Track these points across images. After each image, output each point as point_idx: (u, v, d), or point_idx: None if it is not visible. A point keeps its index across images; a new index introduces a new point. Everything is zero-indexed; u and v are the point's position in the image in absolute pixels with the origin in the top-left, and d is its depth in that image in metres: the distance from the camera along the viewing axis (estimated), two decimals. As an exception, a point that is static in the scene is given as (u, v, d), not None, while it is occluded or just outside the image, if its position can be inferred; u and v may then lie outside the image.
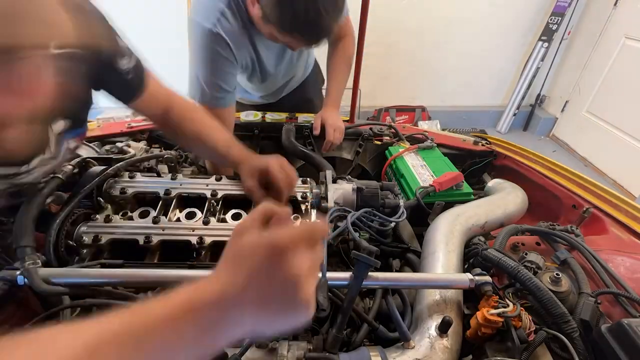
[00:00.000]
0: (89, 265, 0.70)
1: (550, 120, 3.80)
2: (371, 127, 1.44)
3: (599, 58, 3.23)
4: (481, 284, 0.66)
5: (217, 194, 0.88)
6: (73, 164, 0.88)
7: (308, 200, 0.90)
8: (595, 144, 3.31)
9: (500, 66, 3.68)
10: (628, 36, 2.97)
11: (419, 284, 0.72)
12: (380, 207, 0.89)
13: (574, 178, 1.16)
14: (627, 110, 2.98)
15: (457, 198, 1.07)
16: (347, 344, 0.69)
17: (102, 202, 0.84)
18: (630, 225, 0.94)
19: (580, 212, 1.06)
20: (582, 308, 0.67)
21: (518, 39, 3.53)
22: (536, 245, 0.89)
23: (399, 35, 3.33)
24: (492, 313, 0.61)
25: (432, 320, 0.67)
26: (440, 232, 0.85)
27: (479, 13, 3.30)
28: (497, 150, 1.40)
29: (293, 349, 0.62)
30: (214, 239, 0.77)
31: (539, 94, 3.81)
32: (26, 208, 0.71)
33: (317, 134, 1.34)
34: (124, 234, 0.77)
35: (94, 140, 1.20)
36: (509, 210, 0.99)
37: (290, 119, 1.40)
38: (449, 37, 3.39)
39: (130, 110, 0.89)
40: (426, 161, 1.22)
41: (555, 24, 3.32)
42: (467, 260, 0.84)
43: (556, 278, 0.71)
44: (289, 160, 1.45)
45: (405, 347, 0.63)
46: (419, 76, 3.62)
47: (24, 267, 0.59)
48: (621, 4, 3.02)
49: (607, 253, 0.84)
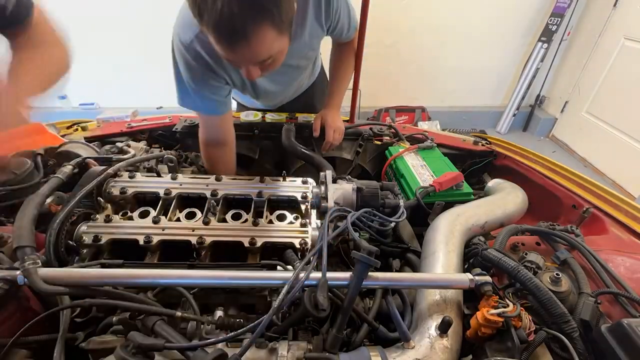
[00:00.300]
0: (89, 265, 0.70)
1: (550, 121, 3.81)
2: (371, 127, 1.44)
3: (599, 59, 3.24)
4: (481, 284, 0.66)
5: (217, 194, 0.88)
6: (73, 164, 0.88)
7: (308, 200, 0.90)
8: (595, 144, 3.31)
9: (500, 67, 3.68)
10: (627, 37, 2.97)
11: (419, 284, 0.72)
12: (380, 207, 0.89)
13: (574, 178, 1.16)
14: (626, 110, 2.98)
15: (457, 198, 1.07)
16: (347, 344, 0.69)
17: (102, 202, 0.84)
18: (630, 225, 0.94)
19: (580, 212, 1.06)
20: (582, 308, 0.67)
21: (518, 40, 3.53)
22: (536, 245, 0.89)
23: (399, 35, 3.34)
24: (492, 313, 0.61)
25: (432, 320, 0.67)
26: (440, 232, 0.85)
27: (479, 14, 3.30)
28: (497, 150, 1.40)
29: (293, 349, 0.62)
30: (214, 239, 0.77)
31: (539, 94, 3.82)
32: (26, 208, 0.71)
33: (317, 136, 1.34)
34: (124, 234, 0.77)
35: (94, 140, 1.20)
36: (509, 210, 0.99)
37: (290, 119, 1.40)
38: (449, 37, 3.39)
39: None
40: (426, 161, 1.22)
41: (554, 24, 3.32)
42: (467, 260, 0.84)
43: (556, 278, 0.71)
44: (289, 160, 1.46)
45: (405, 347, 0.63)
46: (419, 76, 3.62)
47: (24, 267, 0.59)
48: (621, 4, 3.02)
49: (607, 253, 0.84)
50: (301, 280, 0.62)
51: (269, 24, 0.74)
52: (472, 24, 3.35)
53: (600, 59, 3.22)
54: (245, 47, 0.76)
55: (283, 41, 0.82)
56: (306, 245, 0.78)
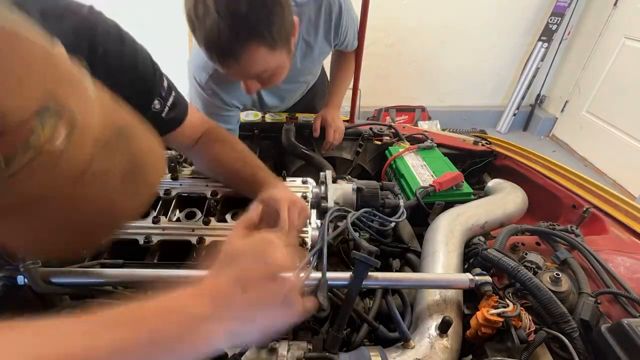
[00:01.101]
0: (89, 265, 0.70)
1: (550, 120, 3.80)
2: (371, 127, 1.44)
3: (599, 58, 3.23)
4: (481, 284, 0.66)
5: (217, 194, 0.88)
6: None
7: (308, 200, 0.90)
8: (595, 144, 3.30)
9: (500, 66, 3.68)
10: (628, 36, 2.97)
11: (419, 284, 0.72)
12: (380, 207, 0.89)
13: (574, 178, 1.16)
14: (626, 110, 2.98)
15: (457, 198, 1.07)
16: (347, 344, 0.69)
17: (102, 202, 0.84)
18: (630, 225, 0.94)
19: (580, 212, 1.06)
20: (582, 308, 0.67)
21: (518, 39, 3.53)
22: (536, 245, 0.89)
23: (398, 35, 3.33)
24: (492, 313, 0.61)
25: (432, 320, 0.67)
26: (440, 232, 0.85)
27: (479, 13, 3.30)
28: (497, 150, 1.40)
29: (293, 349, 0.62)
30: (214, 239, 0.77)
31: (539, 94, 3.81)
32: (26, 208, 0.71)
33: (317, 136, 1.34)
34: (124, 234, 0.77)
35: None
36: (509, 210, 0.99)
37: (290, 119, 1.40)
38: (449, 37, 3.39)
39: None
40: (426, 161, 1.22)
41: (555, 24, 3.32)
42: (467, 260, 0.84)
43: (556, 278, 0.71)
44: (288, 160, 1.46)
45: (405, 347, 0.63)
46: (419, 76, 3.62)
47: (24, 267, 0.59)
48: (621, 4, 3.02)
49: (607, 253, 0.84)
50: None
51: (259, 43, 0.75)
52: (472, 23, 3.34)
53: (600, 59, 3.22)
54: (235, 65, 0.78)
55: (280, 56, 0.83)
56: (306, 245, 0.78)
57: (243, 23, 0.71)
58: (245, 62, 0.78)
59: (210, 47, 0.75)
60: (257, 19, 0.72)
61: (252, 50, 0.75)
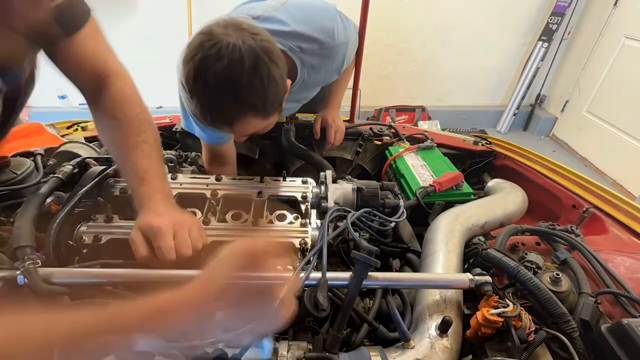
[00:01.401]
0: (89, 265, 0.70)
1: (550, 120, 3.80)
2: (371, 127, 1.44)
3: (599, 58, 3.23)
4: (481, 284, 0.66)
5: (217, 194, 0.88)
6: (73, 164, 0.88)
7: (308, 200, 0.90)
8: (595, 143, 3.30)
9: (500, 66, 3.68)
10: (628, 36, 2.97)
11: (419, 284, 0.72)
12: (380, 207, 0.89)
13: (574, 178, 1.16)
14: (627, 110, 2.98)
15: (457, 198, 1.07)
16: (347, 344, 0.69)
17: (102, 202, 0.84)
18: (630, 225, 0.94)
19: (580, 212, 1.06)
20: (582, 308, 0.67)
21: (518, 39, 3.53)
22: (536, 245, 0.89)
23: (398, 35, 3.33)
24: (492, 313, 0.61)
25: (432, 320, 0.67)
26: (440, 232, 0.85)
27: (479, 13, 3.30)
28: (497, 150, 1.40)
29: (293, 349, 0.62)
30: (214, 239, 0.77)
31: (539, 93, 3.81)
32: (26, 208, 0.71)
33: (318, 138, 1.34)
34: (124, 234, 0.76)
35: (94, 140, 1.20)
36: (508, 210, 0.99)
37: (290, 119, 1.40)
38: (449, 37, 3.39)
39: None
40: (426, 161, 1.22)
41: (555, 24, 3.32)
42: (467, 260, 0.84)
43: (556, 278, 0.71)
44: (288, 160, 1.46)
45: (405, 347, 0.63)
46: (419, 76, 3.62)
47: (24, 267, 0.59)
48: (621, 4, 3.02)
49: (607, 253, 0.84)
50: (301, 280, 0.62)
51: (252, 114, 0.77)
52: (472, 23, 3.34)
53: (600, 58, 3.22)
54: (229, 130, 0.81)
55: (271, 119, 0.85)
56: (306, 245, 0.78)
57: (240, 99, 0.73)
58: (238, 129, 0.81)
59: (205, 113, 0.77)
60: (254, 95, 0.74)
61: (245, 119, 0.78)
